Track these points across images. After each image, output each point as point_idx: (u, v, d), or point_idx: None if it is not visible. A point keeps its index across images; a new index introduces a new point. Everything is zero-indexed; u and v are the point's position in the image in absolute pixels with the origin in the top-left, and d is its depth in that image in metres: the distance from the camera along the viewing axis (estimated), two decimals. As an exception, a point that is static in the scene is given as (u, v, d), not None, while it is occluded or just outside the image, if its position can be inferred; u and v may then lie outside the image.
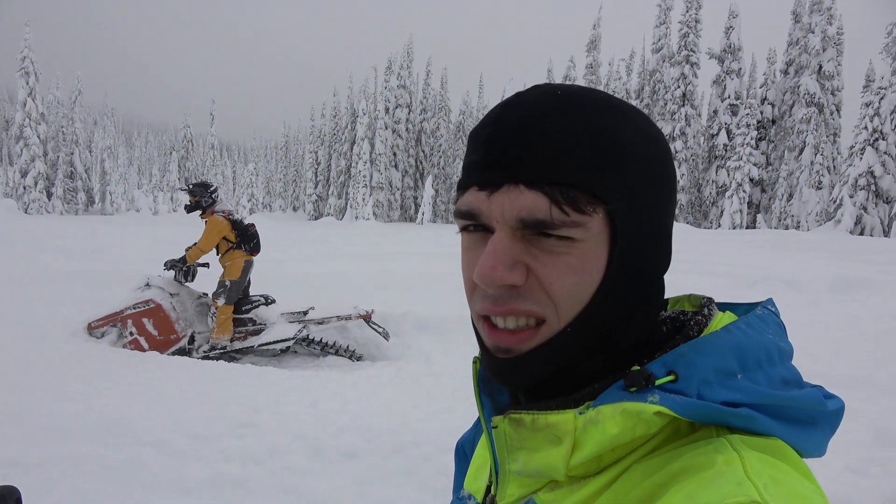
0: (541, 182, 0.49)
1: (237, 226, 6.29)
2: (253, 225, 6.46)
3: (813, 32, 31.35)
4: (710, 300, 0.59)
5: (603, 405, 0.48)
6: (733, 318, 0.54)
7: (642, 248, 0.53)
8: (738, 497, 0.40)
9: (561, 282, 0.50)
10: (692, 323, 0.54)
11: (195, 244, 6.26)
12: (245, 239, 6.30)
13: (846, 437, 3.68)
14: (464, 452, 0.81)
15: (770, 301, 0.57)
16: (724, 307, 0.59)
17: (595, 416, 0.48)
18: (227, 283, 6.22)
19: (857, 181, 26.27)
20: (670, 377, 0.47)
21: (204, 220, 6.30)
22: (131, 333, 6.05)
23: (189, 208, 6.38)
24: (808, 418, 0.49)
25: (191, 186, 6.33)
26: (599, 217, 0.49)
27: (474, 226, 0.54)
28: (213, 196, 6.31)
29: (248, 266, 6.39)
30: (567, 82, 0.56)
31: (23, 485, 0.89)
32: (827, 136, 30.91)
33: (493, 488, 0.61)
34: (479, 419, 0.76)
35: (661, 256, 0.56)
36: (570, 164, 0.48)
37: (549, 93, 0.52)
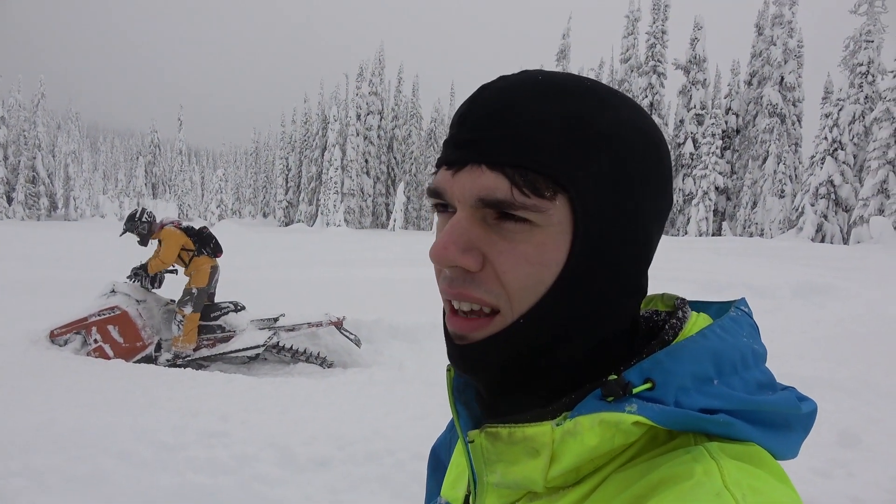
0: (503, 164, 0.48)
1: (190, 232, 6.21)
2: (206, 227, 6.40)
3: (775, 45, 32.20)
4: (683, 301, 0.58)
5: (580, 416, 0.47)
6: (708, 320, 0.54)
7: (611, 244, 0.50)
8: None
9: (516, 272, 0.49)
10: (667, 327, 0.53)
11: (156, 256, 6.14)
12: (203, 242, 6.21)
13: (811, 438, 3.74)
14: (437, 457, 0.80)
15: (743, 301, 0.56)
16: (696, 306, 0.58)
17: (573, 427, 0.47)
18: (194, 290, 6.12)
19: (817, 190, 26.98)
20: (647, 385, 0.47)
21: (159, 241, 6.19)
22: (95, 341, 5.90)
23: (141, 242, 6.27)
24: (782, 422, 0.49)
25: (124, 228, 6.23)
26: (562, 206, 0.48)
27: (443, 205, 0.53)
28: (144, 219, 6.20)
29: (213, 271, 6.30)
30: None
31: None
32: (789, 146, 31.70)
33: (471, 499, 0.60)
34: (452, 423, 0.76)
35: (635, 257, 0.53)
36: (534, 148, 0.48)
37: (530, 77, 0.51)
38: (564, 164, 0.48)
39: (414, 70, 54.23)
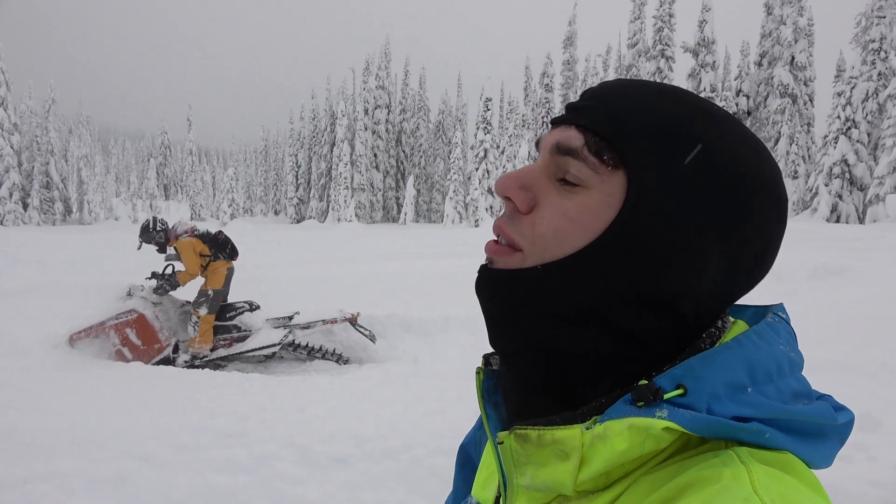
0: (587, 127, 0.52)
1: (206, 238, 6.25)
2: (221, 232, 6.44)
3: (785, 24, 31.76)
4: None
5: (610, 420, 0.47)
6: (744, 327, 0.53)
7: (654, 244, 0.49)
8: None
9: (548, 221, 0.52)
10: (704, 335, 0.52)
11: (184, 270, 6.26)
12: (219, 247, 6.26)
13: (830, 423, 3.73)
14: (467, 453, 0.80)
15: (781, 307, 0.56)
16: (731, 311, 0.57)
17: (602, 431, 0.47)
18: (210, 292, 6.18)
19: (831, 170, 26.66)
20: (679, 391, 0.46)
21: (175, 249, 6.28)
22: (114, 344, 5.97)
23: (160, 250, 6.39)
24: (817, 431, 0.48)
25: (140, 241, 6.34)
26: (619, 182, 0.50)
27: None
28: (158, 228, 6.30)
29: (229, 274, 6.35)
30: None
31: (7, 503, 0.88)
32: (801, 126, 31.33)
33: (501, 500, 0.60)
34: (481, 422, 0.76)
35: (683, 274, 0.50)
36: (616, 124, 0.51)
37: (643, 81, 0.56)
38: (635, 146, 0.50)
39: (420, 63, 54.18)
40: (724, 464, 0.44)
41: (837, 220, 26.24)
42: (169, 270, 6.48)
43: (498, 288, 0.55)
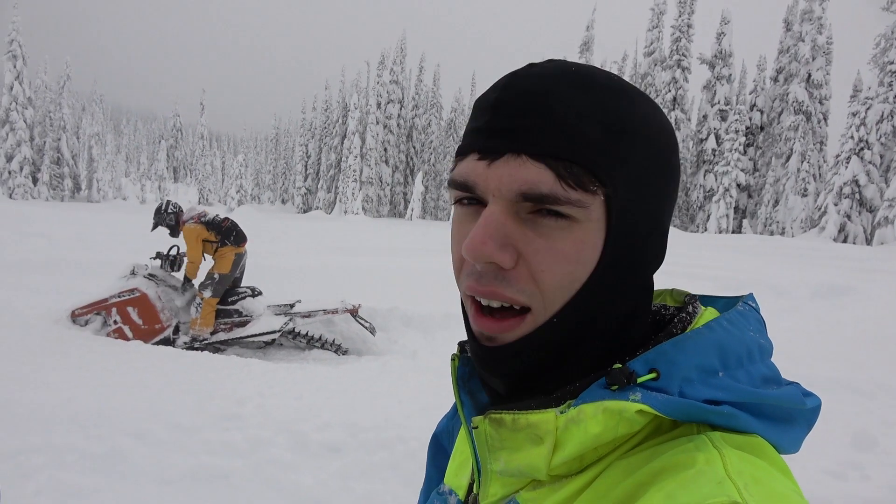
0: (546, 155, 0.47)
1: (212, 225, 6.26)
2: (228, 219, 6.44)
3: (803, 41, 31.63)
4: (693, 297, 0.58)
5: (584, 404, 0.47)
6: (715, 314, 0.54)
7: (638, 240, 0.51)
8: (718, 497, 0.39)
9: (553, 270, 0.48)
10: (676, 320, 0.54)
11: (188, 260, 6.32)
12: (224, 234, 6.27)
13: (825, 439, 3.72)
14: (439, 443, 0.79)
15: (751, 296, 0.56)
16: (703, 301, 0.58)
17: (576, 415, 0.47)
18: (216, 275, 6.20)
19: (841, 189, 26.54)
20: (652, 375, 0.47)
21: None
22: (115, 322, 6.00)
23: (172, 234, 6.45)
24: (786, 416, 0.49)
25: (154, 222, 6.39)
26: (599, 202, 0.48)
27: (468, 199, 0.52)
28: (169, 210, 6.34)
29: (238, 259, 6.36)
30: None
31: (1, 473, 0.88)
32: (814, 144, 31.19)
33: (475, 487, 0.60)
34: (454, 409, 0.76)
35: (656, 252, 0.54)
36: (577, 141, 0.47)
37: (563, 68, 0.50)
38: (605, 159, 0.47)
39: (435, 59, 54.19)
40: (698, 448, 0.44)
41: (845, 240, 26.12)
42: (174, 252, 6.51)
43: (520, 361, 0.52)
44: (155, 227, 6.43)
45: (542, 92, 0.48)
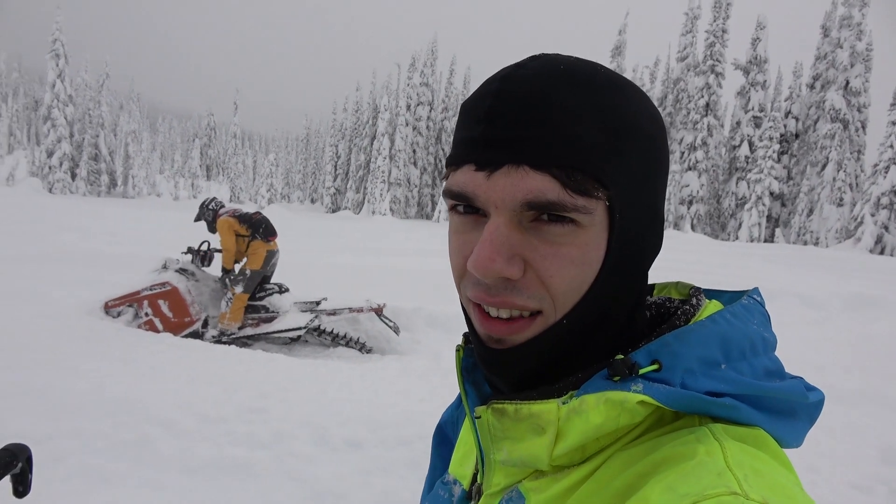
0: (548, 164, 0.46)
1: (243, 218, 6.40)
2: (258, 212, 6.59)
3: (841, 47, 30.95)
4: (697, 289, 0.58)
5: (586, 394, 0.47)
6: (719, 307, 0.54)
7: (639, 235, 0.51)
8: (718, 488, 0.39)
9: (561, 275, 0.48)
10: (679, 312, 0.54)
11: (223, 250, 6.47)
12: (254, 226, 6.39)
13: (852, 453, 3.65)
14: (443, 433, 0.80)
15: (756, 290, 0.56)
16: (709, 295, 0.58)
17: (578, 405, 0.47)
18: (248, 271, 6.31)
19: (879, 200, 25.90)
20: (654, 366, 0.47)
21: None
22: (147, 314, 6.13)
23: (209, 229, 6.63)
24: (788, 409, 0.49)
25: (198, 214, 6.61)
26: (603, 204, 0.48)
27: (465, 207, 0.52)
28: (210, 207, 6.51)
29: (269, 256, 6.47)
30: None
31: (34, 457, 0.93)
32: (851, 153, 30.49)
33: (479, 476, 0.61)
34: (459, 399, 0.76)
35: (654, 242, 0.54)
36: (578, 146, 0.46)
37: (555, 66, 0.49)
38: (607, 162, 0.47)
39: (466, 63, 54.14)
40: (699, 440, 0.44)
41: (882, 252, 25.48)
42: (204, 247, 6.64)
43: (529, 361, 0.52)
44: (197, 219, 6.64)
45: (538, 97, 0.47)
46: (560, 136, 0.46)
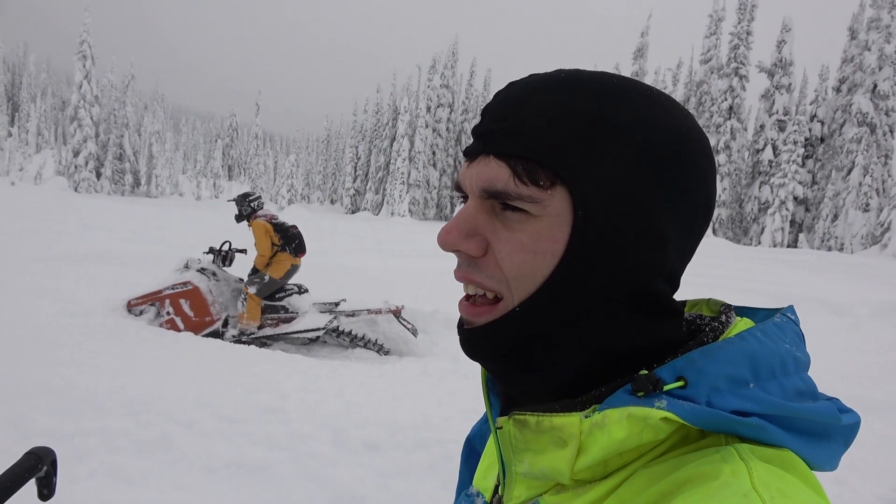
0: (508, 154, 0.50)
1: (279, 228, 6.45)
2: (295, 226, 6.60)
3: (869, 50, 30.41)
4: (728, 307, 0.57)
5: (609, 409, 0.47)
6: (750, 324, 0.52)
7: (616, 243, 0.49)
8: None
9: (511, 258, 0.50)
10: (708, 329, 0.53)
11: (257, 252, 6.48)
12: (287, 240, 6.44)
13: (880, 464, 3.58)
14: (472, 446, 0.80)
15: (790, 308, 0.55)
16: (743, 312, 0.57)
17: (601, 419, 0.47)
18: (267, 277, 6.36)
19: (907, 205, 25.41)
20: (679, 383, 0.46)
21: (249, 227, 6.52)
22: (168, 313, 6.20)
23: (237, 218, 6.62)
24: (821, 431, 0.48)
25: (235, 198, 6.58)
26: (562, 198, 0.49)
27: (463, 196, 0.56)
28: (251, 204, 6.52)
29: (292, 270, 6.53)
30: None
31: (58, 455, 0.93)
32: (878, 158, 29.94)
33: (500, 489, 0.60)
34: (487, 415, 0.77)
35: (645, 258, 0.50)
36: (537, 138, 0.49)
37: (557, 73, 0.53)
38: (566, 156, 0.48)
39: (486, 64, 54.17)
40: (724, 460, 0.43)
41: (909, 259, 24.96)
42: (225, 247, 6.69)
43: (489, 344, 0.54)
44: (234, 201, 6.64)
45: (519, 98, 0.51)
46: (523, 130, 0.49)
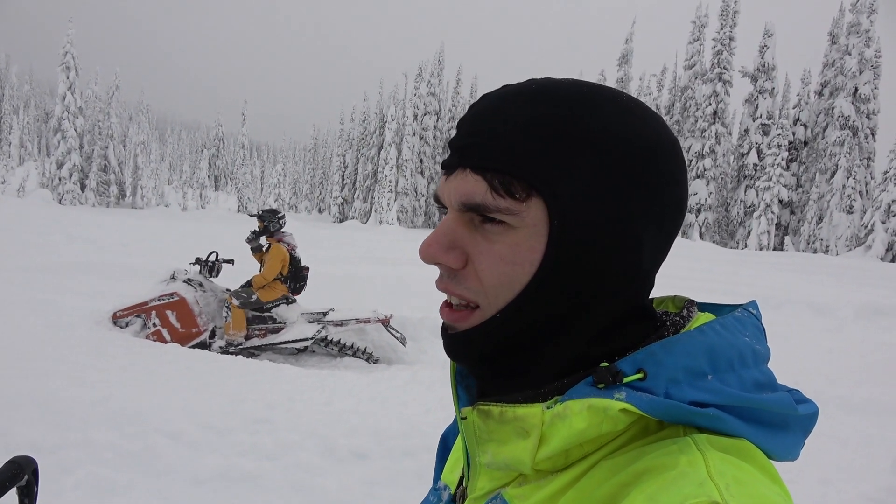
0: (483, 168, 0.50)
1: (294, 263, 6.45)
2: (307, 268, 6.61)
3: (850, 54, 30.88)
4: (691, 302, 0.58)
5: (570, 400, 0.48)
6: (711, 318, 0.54)
7: (592, 249, 0.50)
8: (698, 498, 0.39)
9: (491, 270, 0.51)
10: (669, 323, 0.54)
11: (259, 273, 6.44)
12: (295, 279, 6.44)
13: (864, 464, 3.61)
14: (446, 444, 0.81)
15: (753, 303, 0.56)
16: (708, 309, 0.58)
17: (562, 410, 0.48)
18: (255, 296, 6.34)
19: (890, 207, 25.75)
20: (639, 375, 0.47)
21: (265, 248, 6.46)
22: (154, 325, 6.16)
23: (256, 233, 6.52)
24: (779, 421, 0.49)
25: (261, 212, 6.50)
26: (537, 208, 0.49)
27: (444, 208, 0.56)
28: (280, 222, 6.48)
29: (282, 300, 6.51)
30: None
31: (40, 467, 0.93)
32: (860, 160, 30.35)
33: (464, 480, 0.61)
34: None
35: (622, 262, 0.51)
36: (511, 151, 0.50)
37: (528, 84, 0.53)
38: (540, 167, 0.49)
39: (472, 72, 54.33)
40: (681, 451, 0.44)
41: (893, 260, 25.29)
42: (212, 258, 6.66)
43: (470, 348, 0.55)
44: (256, 216, 6.55)
45: (492, 110, 0.52)
46: (498, 143, 0.50)
